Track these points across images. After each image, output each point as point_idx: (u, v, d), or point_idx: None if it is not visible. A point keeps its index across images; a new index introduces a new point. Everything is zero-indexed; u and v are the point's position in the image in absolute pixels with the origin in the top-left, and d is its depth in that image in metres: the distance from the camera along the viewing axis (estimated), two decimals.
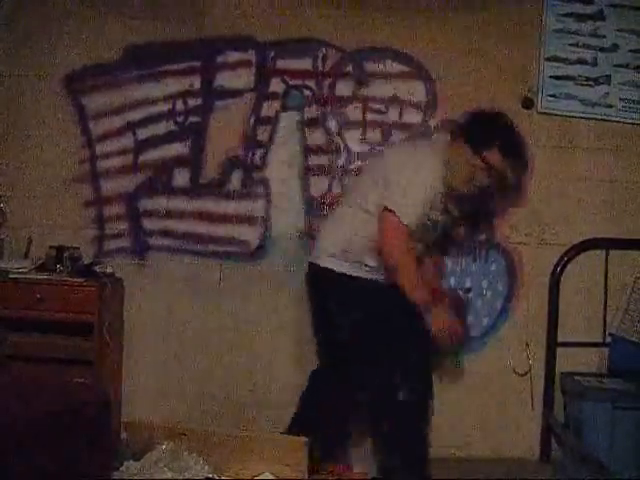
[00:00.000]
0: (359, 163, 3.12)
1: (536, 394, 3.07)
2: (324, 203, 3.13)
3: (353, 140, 3.12)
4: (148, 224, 3.18)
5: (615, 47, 3.04)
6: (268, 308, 3.13)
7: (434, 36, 3.07)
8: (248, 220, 3.13)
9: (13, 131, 3.21)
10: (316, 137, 3.12)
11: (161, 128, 3.16)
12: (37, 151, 3.20)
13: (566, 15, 3.04)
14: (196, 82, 3.14)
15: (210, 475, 2.32)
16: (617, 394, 2.77)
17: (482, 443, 3.09)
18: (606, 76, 3.05)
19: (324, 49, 3.10)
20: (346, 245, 2.59)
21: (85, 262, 3.08)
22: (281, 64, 3.12)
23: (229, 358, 3.14)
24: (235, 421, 3.04)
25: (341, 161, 3.13)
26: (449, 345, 2.59)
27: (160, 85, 3.15)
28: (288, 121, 3.11)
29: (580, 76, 3.05)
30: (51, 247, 3.05)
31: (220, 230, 3.13)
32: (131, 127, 3.16)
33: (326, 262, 2.62)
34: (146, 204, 3.18)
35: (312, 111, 3.12)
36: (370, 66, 3.10)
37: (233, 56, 3.13)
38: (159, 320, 3.14)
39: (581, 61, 3.05)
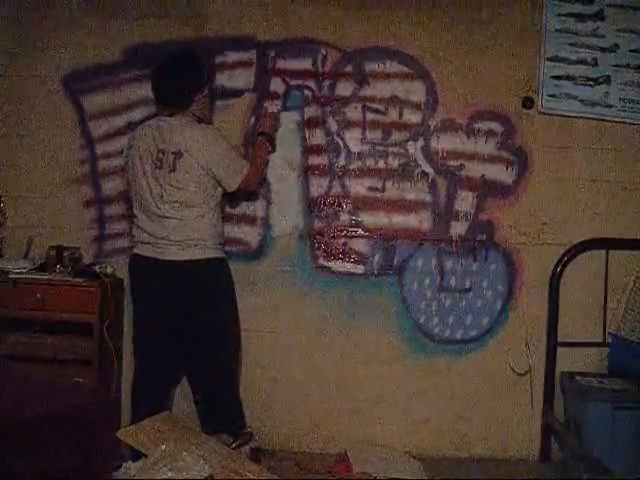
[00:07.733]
0: (359, 163, 3.12)
1: (536, 394, 3.07)
2: (324, 203, 3.13)
3: (353, 140, 3.13)
4: None
5: (615, 47, 3.05)
6: (267, 308, 3.13)
7: (434, 36, 3.08)
8: (248, 220, 3.13)
9: (13, 131, 3.21)
10: (316, 137, 3.13)
11: None
12: (37, 151, 3.20)
13: (566, 15, 3.04)
14: None
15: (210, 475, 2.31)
16: (617, 394, 2.77)
17: (482, 443, 3.10)
18: (606, 76, 3.05)
19: (324, 49, 3.11)
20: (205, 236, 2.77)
21: (85, 262, 3.09)
22: (281, 64, 3.13)
23: None
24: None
25: (341, 161, 3.13)
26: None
27: None
28: (288, 121, 3.12)
29: (580, 76, 3.05)
30: (51, 247, 3.06)
31: None
32: (131, 127, 3.15)
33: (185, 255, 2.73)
34: None
35: (312, 111, 3.12)
36: (370, 66, 3.10)
37: (233, 56, 3.13)
38: None
39: (581, 61, 3.05)
